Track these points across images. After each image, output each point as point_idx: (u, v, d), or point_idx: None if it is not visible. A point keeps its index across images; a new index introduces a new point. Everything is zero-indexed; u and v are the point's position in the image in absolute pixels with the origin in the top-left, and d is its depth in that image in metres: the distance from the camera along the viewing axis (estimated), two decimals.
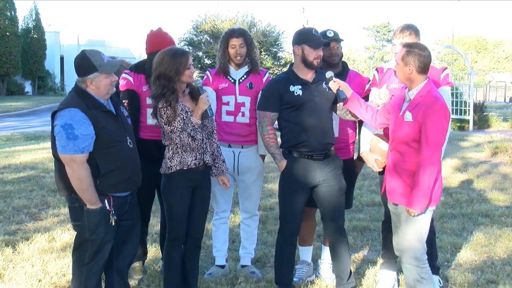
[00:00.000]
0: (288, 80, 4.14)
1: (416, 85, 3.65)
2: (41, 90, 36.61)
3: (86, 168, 3.41)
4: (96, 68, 3.48)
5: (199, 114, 3.89)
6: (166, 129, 3.83)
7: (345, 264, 4.18)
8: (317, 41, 4.04)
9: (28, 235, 5.64)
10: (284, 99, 4.09)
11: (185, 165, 3.89)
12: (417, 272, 3.71)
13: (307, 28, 4.23)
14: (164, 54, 3.85)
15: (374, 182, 8.01)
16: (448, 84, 4.30)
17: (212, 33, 29.47)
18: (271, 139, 4.15)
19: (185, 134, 3.82)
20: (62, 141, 3.39)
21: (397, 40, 4.21)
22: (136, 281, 4.51)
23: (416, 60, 3.60)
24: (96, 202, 3.45)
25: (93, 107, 3.47)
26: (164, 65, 3.79)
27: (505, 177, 8.76)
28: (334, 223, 4.17)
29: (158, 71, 3.81)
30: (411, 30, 4.20)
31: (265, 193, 7.41)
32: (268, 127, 4.14)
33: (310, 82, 4.11)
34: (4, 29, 32.24)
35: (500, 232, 5.89)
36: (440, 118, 3.54)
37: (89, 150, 3.43)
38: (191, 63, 3.87)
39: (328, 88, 4.10)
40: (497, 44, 77.89)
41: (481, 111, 17.61)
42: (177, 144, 3.85)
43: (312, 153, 4.08)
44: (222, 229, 4.74)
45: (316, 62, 4.06)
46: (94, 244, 3.51)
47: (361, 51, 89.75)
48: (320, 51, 4.06)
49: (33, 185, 7.97)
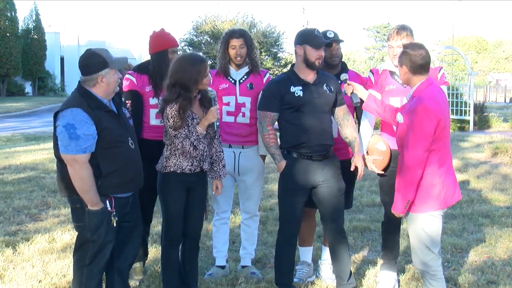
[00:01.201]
0: (289, 81, 4.14)
1: (413, 86, 3.67)
2: (41, 91, 36.58)
3: (88, 168, 3.40)
4: (108, 63, 3.48)
5: (205, 125, 3.87)
6: (170, 132, 3.82)
7: (345, 264, 4.18)
8: (318, 42, 4.05)
9: (29, 236, 5.65)
10: (285, 99, 4.09)
11: (179, 168, 3.88)
12: (424, 277, 3.71)
13: (310, 28, 4.23)
14: (182, 61, 3.81)
15: (374, 182, 8.01)
16: (445, 84, 4.32)
17: (213, 34, 29.42)
18: (271, 139, 4.15)
19: (188, 142, 3.80)
20: (64, 141, 3.38)
21: (395, 42, 4.20)
22: (137, 281, 4.51)
23: (408, 61, 3.60)
24: (97, 203, 3.45)
25: (96, 107, 3.47)
26: (182, 73, 3.75)
27: (505, 177, 8.76)
28: (334, 223, 4.17)
29: (175, 78, 3.76)
30: (407, 31, 4.20)
31: (266, 194, 7.41)
32: (269, 127, 4.15)
33: (311, 83, 4.11)
34: (4, 29, 32.21)
35: (501, 232, 5.89)
36: (419, 120, 3.47)
37: (91, 150, 3.42)
38: (209, 70, 3.86)
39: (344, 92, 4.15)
40: (497, 44, 77.87)
41: (481, 111, 17.60)
42: (178, 150, 3.84)
43: (311, 154, 4.09)
44: (222, 229, 4.74)
45: (318, 63, 4.07)
46: (95, 245, 3.51)
47: (361, 52, 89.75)
48: (322, 51, 4.07)
49: (33, 186, 7.98)
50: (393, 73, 4.30)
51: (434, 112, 3.49)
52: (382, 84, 4.32)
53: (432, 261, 3.65)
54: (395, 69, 4.27)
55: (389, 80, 4.31)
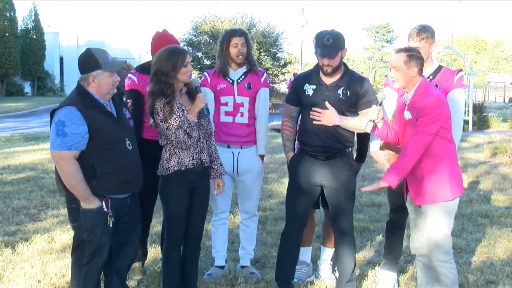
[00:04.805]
0: (309, 78, 4.16)
1: (413, 86, 3.78)
2: (41, 91, 36.59)
3: (73, 165, 3.39)
4: (100, 65, 3.48)
5: (195, 112, 3.89)
6: (162, 127, 3.83)
7: (347, 266, 4.15)
8: (320, 52, 4.00)
9: (28, 236, 5.64)
10: (299, 95, 4.15)
11: (183, 165, 3.89)
12: (445, 267, 3.77)
13: (323, 33, 4.05)
14: (162, 51, 3.88)
15: (374, 182, 8.01)
16: (462, 87, 4.25)
17: (212, 34, 29.42)
18: (284, 130, 4.27)
19: (181, 131, 3.81)
20: (52, 137, 3.41)
21: (414, 43, 4.10)
22: (136, 281, 4.51)
23: (418, 63, 3.74)
24: (89, 199, 3.43)
25: (92, 107, 3.47)
26: (161, 61, 3.82)
27: (504, 177, 8.77)
28: (338, 224, 4.16)
29: (155, 68, 3.84)
30: (428, 32, 4.11)
31: (265, 194, 7.42)
32: (285, 118, 4.27)
33: (327, 85, 4.07)
34: (4, 30, 32.22)
35: (500, 232, 5.89)
36: (431, 108, 3.65)
37: (78, 149, 3.40)
38: (188, 61, 3.88)
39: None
40: (497, 44, 77.96)
41: (480, 111, 17.62)
42: (173, 142, 3.84)
43: (314, 153, 4.10)
44: (221, 230, 4.74)
45: (326, 69, 4.02)
46: (91, 245, 3.50)
47: (360, 52, 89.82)
48: (325, 60, 3.98)
49: (32, 186, 7.98)
50: None
51: (445, 103, 3.76)
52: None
53: (451, 247, 3.84)
54: None
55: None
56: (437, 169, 3.73)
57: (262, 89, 4.58)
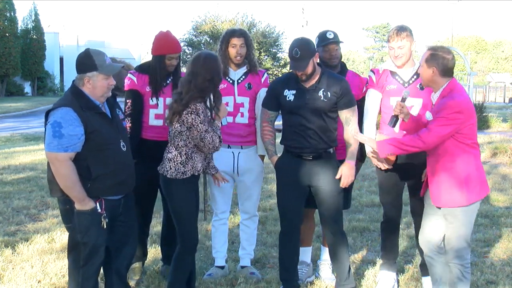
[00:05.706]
0: (287, 82, 4.16)
1: (439, 88, 3.75)
2: (41, 91, 36.59)
3: (69, 166, 3.37)
4: (96, 67, 3.47)
5: (221, 118, 3.97)
6: (200, 128, 3.75)
7: (344, 265, 4.18)
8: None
9: (28, 236, 5.64)
10: (280, 100, 4.16)
11: (196, 170, 3.88)
12: (460, 270, 3.77)
13: (292, 44, 4.08)
14: (210, 57, 3.86)
15: (373, 182, 8.01)
16: None
17: (212, 34, 29.48)
18: (265, 135, 4.30)
19: (216, 135, 3.83)
20: (48, 139, 3.38)
21: (395, 43, 4.20)
22: (135, 281, 4.51)
23: (440, 63, 3.70)
24: (84, 201, 3.42)
25: (87, 108, 3.45)
26: (218, 67, 3.85)
27: (504, 177, 8.77)
28: (331, 224, 4.18)
29: (211, 74, 3.80)
30: (407, 31, 4.20)
31: (265, 194, 7.41)
32: (264, 123, 4.29)
33: (307, 88, 4.09)
34: (4, 30, 32.22)
35: (500, 232, 5.89)
36: (448, 111, 3.60)
37: (74, 150, 3.39)
38: None
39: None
40: (497, 44, 77.92)
41: (480, 111, 17.61)
42: (206, 145, 3.77)
43: (301, 153, 4.12)
44: (221, 230, 4.74)
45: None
46: (86, 246, 3.49)
47: (360, 52, 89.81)
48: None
49: (32, 186, 7.98)
50: (394, 73, 4.30)
51: (467, 108, 3.67)
52: (383, 84, 4.33)
53: (468, 252, 3.83)
54: (396, 69, 4.28)
55: (390, 80, 4.31)
56: (454, 174, 3.68)
57: (262, 89, 4.58)
